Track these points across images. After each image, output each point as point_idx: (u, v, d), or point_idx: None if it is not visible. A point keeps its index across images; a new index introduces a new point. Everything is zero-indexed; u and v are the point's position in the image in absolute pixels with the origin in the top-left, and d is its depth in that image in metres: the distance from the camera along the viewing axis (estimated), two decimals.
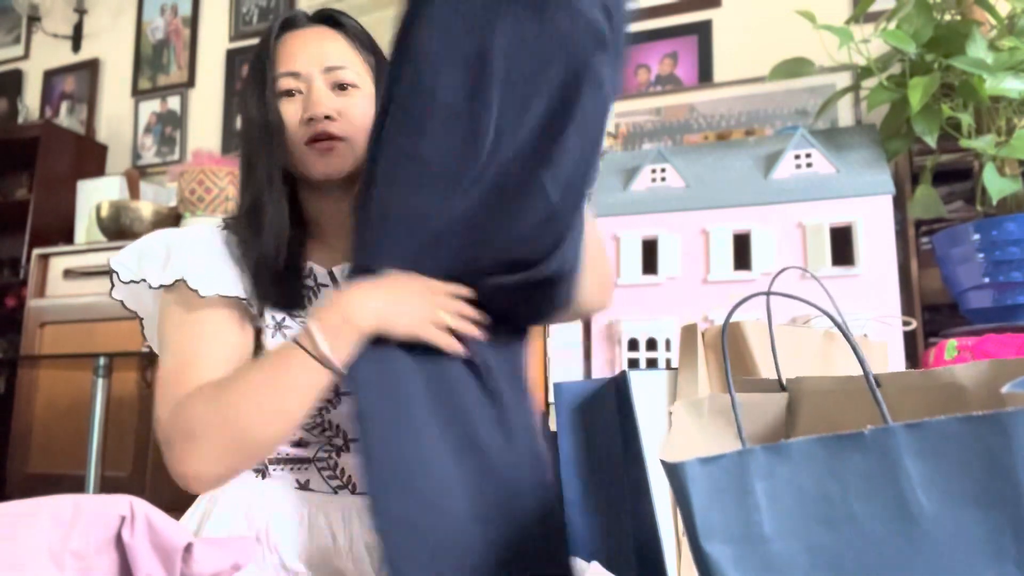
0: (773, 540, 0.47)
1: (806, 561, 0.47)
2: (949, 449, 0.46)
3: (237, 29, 3.46)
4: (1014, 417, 0.44)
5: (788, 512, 0.48)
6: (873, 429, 0.47)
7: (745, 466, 0.48)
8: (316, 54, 0.85)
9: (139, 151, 3.54)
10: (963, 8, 1.63)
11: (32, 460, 2.69)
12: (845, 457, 0.47)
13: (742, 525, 0.48)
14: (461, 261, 0.78)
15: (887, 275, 1.69)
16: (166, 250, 0.82)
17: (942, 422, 0.46)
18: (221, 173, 2.73)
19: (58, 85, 3.76)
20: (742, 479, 0.48)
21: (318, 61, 0.85)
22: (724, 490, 0.48)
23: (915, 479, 0.46)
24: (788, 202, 1.79)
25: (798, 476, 0.48)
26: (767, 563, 0.47)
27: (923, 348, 2.02)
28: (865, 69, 1.73)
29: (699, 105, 2.63)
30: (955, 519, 0.46)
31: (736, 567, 0.47)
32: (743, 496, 0.48)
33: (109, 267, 0.84)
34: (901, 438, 0.46)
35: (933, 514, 0.46)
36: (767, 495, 0.48)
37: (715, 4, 2.71)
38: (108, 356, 2.27)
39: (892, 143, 1.77)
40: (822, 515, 0.47)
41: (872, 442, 0.47)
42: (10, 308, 3.25)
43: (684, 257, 1.85)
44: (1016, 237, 1.48)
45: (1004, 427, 0.45)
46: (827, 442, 0.48)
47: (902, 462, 0.46)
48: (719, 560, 0.48)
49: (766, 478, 0.48)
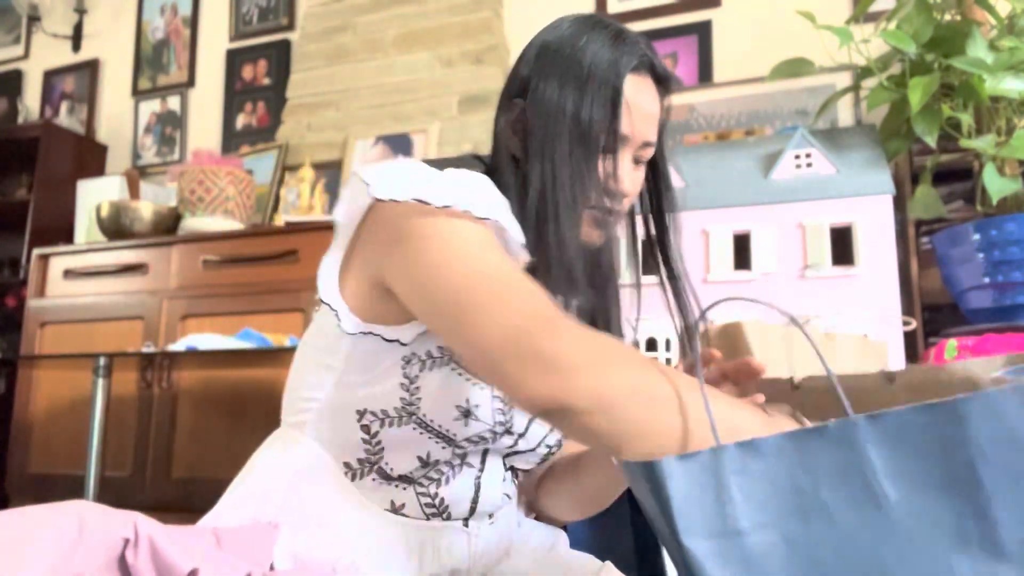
0: (750, 533, 0.48)
1: (783, 552, 0.48)
2: (909, 438, 0.47)
3: (237, 29, 3.46)
4: (967, 403, 0.46)
5: (763, 505, 0.49)
6: (836, 421, 0.49)
7: (719, 462, 0.49)
8: (649, 123, 0.79)
9: (139, 151, 3.54)
10: (963, 8, 1.63)
11: (32, 460, 2.69)
12: (813, 450, 0.48)
13: (719, 520, 0.49)
14: None
15: (887, 275, 1.69)
16: (476, 188, 0.72)
17: (900, 412, 0.48)
18: (221, 173, 2.73)
19: (58, 85, 3.76)
20: (717, 475, 0.49)
21: (645, 133, 0.79)
22: (702, 486, 0.49)
23: (879, 469, 0.47)
24: (788, 202, 1.79)
25: (770, 470, 0.49)
26: (745, 556, 0.48)
27: (923, 348, 2.02)
28: (865, 69, 1.73)
29: (699, 105, 2.63)
30: (919, 505, 0.47)
31: (716, 561, 0.48)
32: (720, 491, 0.49)
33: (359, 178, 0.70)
34: (864, 429, 0.48)
35: (898, 501, 0.47)
36: (741, 490, 0.49)
37: (715, 4, 2.71)
38: (108, 356, 2.27)
39: (892, 143, 1.77)
40: (795, 507, 0.48)
41: (837, 434, 0.48)
42: (10, 308, 3.25)
43: (684, 257, 1.85)
44: (1016, 237, 1.48)
45: (958, 414, 0.46)
46: (796, 436, 0.49)
47: (866, 452, 0.48)
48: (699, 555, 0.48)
49: (740, 473, 0.49)
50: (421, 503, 0.77)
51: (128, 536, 0.59)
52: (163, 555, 0.59)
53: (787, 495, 0.49)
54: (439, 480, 0.77)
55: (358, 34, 3.11)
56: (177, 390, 2.49)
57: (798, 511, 0.48)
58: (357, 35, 3.11)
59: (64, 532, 0.57)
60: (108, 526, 0.59)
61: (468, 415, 0.73)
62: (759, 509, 0.49)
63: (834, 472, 0.48)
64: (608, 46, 0.77)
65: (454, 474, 0.77)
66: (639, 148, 0.80)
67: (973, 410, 0.46)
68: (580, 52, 0.77)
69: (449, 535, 0.78)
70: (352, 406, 0.76)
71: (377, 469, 0.76)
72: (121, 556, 0.58)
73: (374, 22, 3.08)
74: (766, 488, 0.49)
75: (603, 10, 2.85)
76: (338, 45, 3.12)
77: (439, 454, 0.75)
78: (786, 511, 0.48)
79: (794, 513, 0.48)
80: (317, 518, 0.74)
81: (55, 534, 0.57)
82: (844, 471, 0.48)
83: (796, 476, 0.49)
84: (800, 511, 0.48)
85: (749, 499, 0.49)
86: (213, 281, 2.55)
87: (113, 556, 0.58)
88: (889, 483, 0.47)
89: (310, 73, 3.15)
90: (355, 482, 0.77)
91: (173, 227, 2.81)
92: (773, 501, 0.49)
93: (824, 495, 0.48)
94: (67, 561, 0.56)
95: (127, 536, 0.59)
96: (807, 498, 0.48)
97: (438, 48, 2.95)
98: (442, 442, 0.75)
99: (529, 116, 0.79)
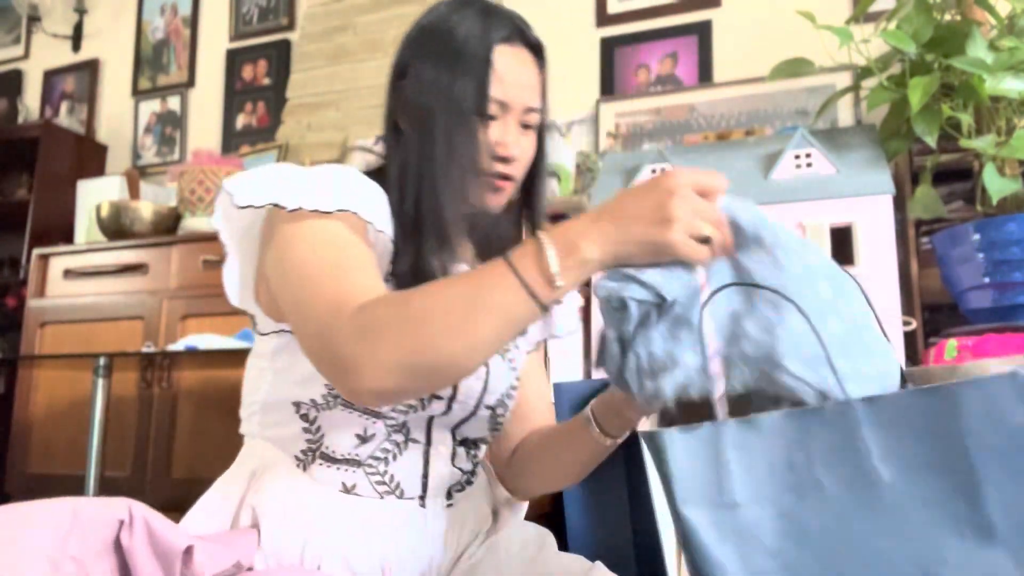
0: (744, 505, 0.50)
1: (775, 526, 0.50)
2: (903, 420, 0.48)
3: (237, 29, 3.46)
4: (961, 388, 0.47)
5: (759, 480, 0.50)
6: (833, 402, 0.50)
7: (719, 436, 0.51)
8: (528, 89, 0.83)
9: (139, 151, 3.54)
10: (963, 8, 1.63)
11: (32, 460, 2.69)
12: (810, 429, 0.50)
13: (716, 491, 0.51)
14: None
15: (887, 275, 1.69)
16: (329, 180, 0.77)
17: (896, 395, 0.49)
18: (221, 173, 2.73)
19: (58, 85, 3.76)
20: (717, 448, 0.51)
21: (526, 98, 0.83)
22: (700, 458, 0.51)
23: (873, 449, 0.49)
24: (788, 202, 1.79)
25: (768, 447, 0.50)
26: (739, 527, 0.50)
27: (923, 348, 2.02)
28: (865, 69, 1.73)
29: (699, 105, 2.63)
30: (912, 486, 0.48)
31: (711, 529, 0.50)
32: (718, 465, 0.51)
33: (223, 189, 0.75)
34: (859, 411, 0.49)
35: (891, 481, 0.48)
36: (739, 464, 0.51)
37: (715, 4, 2.71)
38: (108, 356, 2.27)
39: (892, 143, 1.77)
40: (790, 483, 0.50)
41: (833, 415, 0.50)
42: (10, 308, 3.24)
43: None
44: (1016, 237, 1.48)
45: (952, 398, 0.47)
46: (793, 415, 0.51)
47: (861, 433, 0.49)
48: (695, 523, 0.50)
49: (738, 448, 0.51)
50: (372, 482, 0.80)
51: (123, 518, 0.59)
52: (159, 534, 0.59)
53: (783, 471, 0.50)
54: (386, 459, 0.81)
55: (358, 34, 3.11)
56: (177, 390, 2.48)
57: (793, 488, 0.50)
58: (357, 35, 3.11)
59: (58, 520, 0.58)
60: (102, 511, 0.60)
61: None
62: (755, 484, 0.50)
63: (830, 451, 0.49)
64: (478, 21, 0.82)
65: (400, 451, 0.81)
66: (523, 114, 0.83)
67: (968, 395, 0.47)
68: (452, 30, 0.82)
69: (404, 514, 0.81)
70: (288, 400, 0.81)
71: (321, 454, 0.80)
72: (116, 540, 0.59)
73: (374, 22, 3.08)
74: (763, 464, 0.50)
75: (603, 10, 2.85)
76: (338, 45, 3.12)
77: (374, 428, 0.80)
78: (781, 487, 0.50)
79: (789, 489, 0.50)
80: (279, 510, 0.77)
81: (49, 522, 0.57)
82: (840, 451, 0.49)
83: (792, 453, 0.50)
84: (795, 488, 0.50)
85: (746, 473, 0.50)
86: (213, 281, 2.55)
87: (109, 540, 0.59)
88: (883, 464, 0.48)
89: (310, 73, 3.15)
90: (306, 472, 0.81)
91: (173, 227, 2.81)
92: (769, 477, 0.50)
93: (819, 473, 0.49)
94: (63, 547, 0.57)
95: (122, 518, 0.59)
96: (802, 475, 0.50)
97: None
98: (371, 417, 0.79)
99: (409, 95, 0.83)
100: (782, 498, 0.50)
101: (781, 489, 0.50)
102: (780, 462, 0.50)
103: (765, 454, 0.50)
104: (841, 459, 0.49)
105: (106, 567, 0.58)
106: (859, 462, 0.49)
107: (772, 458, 0.50)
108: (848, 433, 0.49)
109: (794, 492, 0.50)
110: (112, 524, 0.59)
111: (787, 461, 0.50)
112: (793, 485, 0.50)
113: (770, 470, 0.50)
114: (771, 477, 0.50)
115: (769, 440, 0.50)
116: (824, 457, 0.49)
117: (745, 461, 0.50)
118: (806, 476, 0.49)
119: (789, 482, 0.50)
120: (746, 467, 0.50)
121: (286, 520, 0.77)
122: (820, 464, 0.49)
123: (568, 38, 2.84)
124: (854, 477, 0.49)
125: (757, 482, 0.50)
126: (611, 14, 2.84)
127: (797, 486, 0.50)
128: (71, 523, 0.58)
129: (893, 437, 0.48)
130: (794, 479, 0.50)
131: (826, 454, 0.49)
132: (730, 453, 0.50)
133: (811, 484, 0.49)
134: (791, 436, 0.50)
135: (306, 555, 0.76)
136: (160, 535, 0.59)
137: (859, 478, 0.49)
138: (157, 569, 0.59)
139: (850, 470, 0.49)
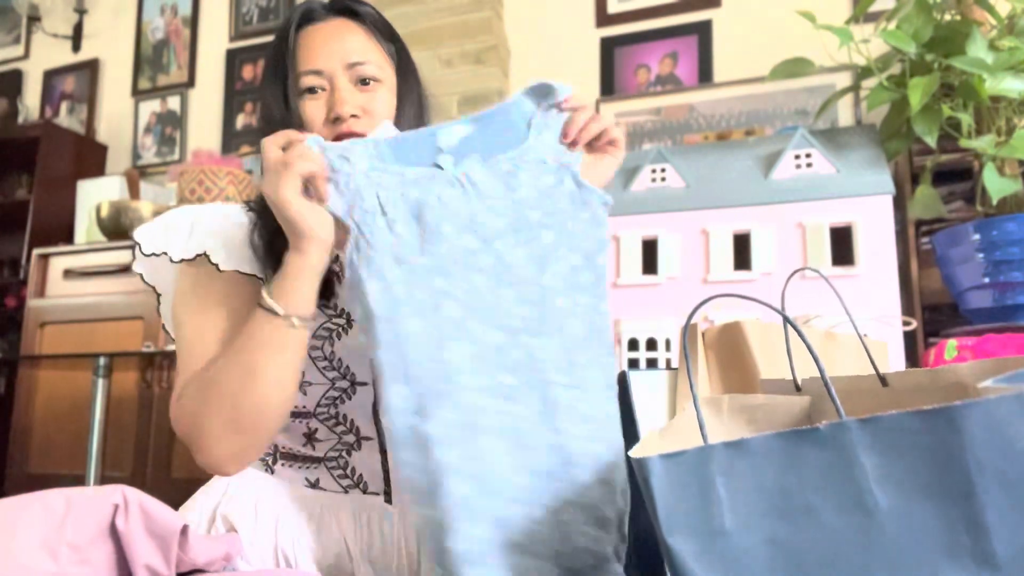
0: (733, 534, 0.48)
1: (766, 553, 0.47)
2: (902, 444, 0.46)
3: (237, 29, 3.46)
4: (964, 411, 0.44)
5: (748, 506, 0.48)
6: (828, 424, 0.47)
7: (706, 461, 0.48)
8: (338, 49, 0.84)
9: (139, 151, 3.54)
10: (963, 8, 1.63)
11: (32, 460, 2.69)
12: (802, 452, 0.47)
13: (704, 519, 0.48)
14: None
15: (887, 275, 1.69)
16: (190, 224, 0.81)
17: (895, 417, 0.46)
18: (221, 173, 2.73)
19: (58, 85, 3.76)
20: (703, 474, 0.48)
21: (340, 57, 0.84)
22: (686, 485, 0.48)
23: (870, 473, 0.46)
24: (788, 202, 1.79)
25: (757, 471, 0.48)
26: (728, 556, 0.47)
27: (923, 348, 2.02)
28: (865, 69, 1.73)
29: (699, 105, 2.63)
30: (910, 513, 0.46)
31: (698, 560, 0.48)
32: (705, 491, 0.48)
33: (133, 239, 0.83)
34: (855, 433, 0.46)
35: (888, 507, 0.46)
36: (728, 489, 0.48)
37: (715, 4, 2.71)
38: (108, 356, 2.27)
39: (892, 143, 1.77)
40: (781, 508, 0.47)
41: (827, 437, 0.47)
42: (10, 308, 3.25)
43: (684, 257, 1.85)
44: (1016, 237, 1.48)
45: (955, 421, 0.45)
46: (785, 437, 0.48)
47: (857, 456, 0.46)
48: (681, 554, 0.48)
49: (726, 473, 0.48)
50: (334, 476, 0.85)
51: (117, 502, 0.59)
52: (155, 516, 0.60)
53: (774, 496, 0.48)
54: (341, 455, 0.85)
55: None
56: None
57: (785, 513, 0.47)
58: None
59: (53, 509, 0.58)
60: (96, 498, 0.60)
61: (302, 384, 0.83)
62: (744, 509, 0.48)
63: (823, 475, 0.47)
64: (284, 23, 0.88)
65: (355, 448, 0.85)
66: (348, 70, 0.84)
67: (970, 417, 0.44)
68: (278, 33, 0.88)
69: (369, 509, 0.83)
70: None
71: (281, 454, 0.86)
72: (112, 524, 0.59)
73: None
74: (753, 489, 0.48)
75: (603, 10, 2.85)
76: None
77: (316, 425, 0.84)
78: (772, 513, 0.47)
79: (781, 515, 0.47)
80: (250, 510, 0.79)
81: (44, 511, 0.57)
82: (834, 475, 0.47)
83: (783, 477, 0.48)
84: (787, 513, 0.47)
85: (735, 499, 0.48)
86: None
87: (104, 525, 0.59)
88: (880, 489, 0.46)
89: None
90: (273, 473, 0.86)
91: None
92: (759, 502, 0.48)
93: (812, 498, 0.47)
94: (58, 533, 0.57)
95: (116, 502, 0.59)
96: (793, 499, 0.47)
97: (438, 48, 2.95)
98: (306, 419, 0.84)
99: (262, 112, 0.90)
100: (773, 524, 0.47)
101: (772, 514, 0.47)
102: (771, 486, 0.48)
103: (755, 478, 0.48)
104: (836, 483, 0.47)
105: (103, 552, 0.59)
106: (855, 486, 0.46)
107: (762, 482, 0.48)
108: (843, 456, 0.47)
109: (785, 517, 0.47)
110: (107, 509, 0.59)
111: (778, 485, 0.47)
112: (784, 510, 0.47)
113: (760, 495, 0.48)
114: (761, 502, 0.48)
115: (759, 463, 0.48)
116: (818, 481, 0.47)
117: (733, 486, 0.48)
118: (799, 501, 0.47)
119: (780, 507, 0.47)
120: (734, 492, 0.48)
121: (257, 519, 0.79)
122: (814, 488, 0.47)
123: (568, 38, 2.84)
124: (849, 502, 0.46)
125: (746, 508, 0.48)
126: (611, 14, 2.84)
127: (789, 511, 0.47)
128: (66, 510, 0.58)
129: (891, 460, 0.46)
130: (785, 504, 0.47)
131: (820, 478, 0.47)
132: (718, 478, 0.48)
133: (803, 509, 0.47)
134: (783, 459, 0.48)
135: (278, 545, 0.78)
136: (156, 516, 0.60)
137: (854, 503, 0.46)
138: (154, 551, 0.59)
139: (845, 495, 0.46)
